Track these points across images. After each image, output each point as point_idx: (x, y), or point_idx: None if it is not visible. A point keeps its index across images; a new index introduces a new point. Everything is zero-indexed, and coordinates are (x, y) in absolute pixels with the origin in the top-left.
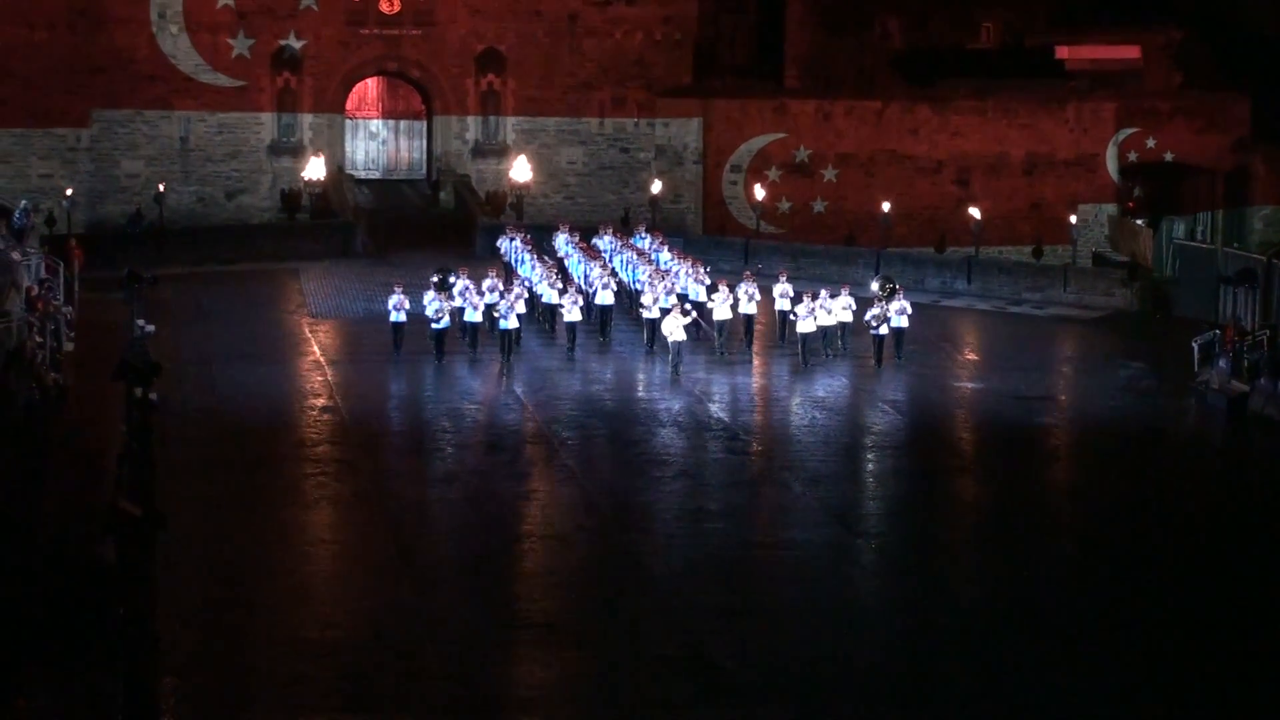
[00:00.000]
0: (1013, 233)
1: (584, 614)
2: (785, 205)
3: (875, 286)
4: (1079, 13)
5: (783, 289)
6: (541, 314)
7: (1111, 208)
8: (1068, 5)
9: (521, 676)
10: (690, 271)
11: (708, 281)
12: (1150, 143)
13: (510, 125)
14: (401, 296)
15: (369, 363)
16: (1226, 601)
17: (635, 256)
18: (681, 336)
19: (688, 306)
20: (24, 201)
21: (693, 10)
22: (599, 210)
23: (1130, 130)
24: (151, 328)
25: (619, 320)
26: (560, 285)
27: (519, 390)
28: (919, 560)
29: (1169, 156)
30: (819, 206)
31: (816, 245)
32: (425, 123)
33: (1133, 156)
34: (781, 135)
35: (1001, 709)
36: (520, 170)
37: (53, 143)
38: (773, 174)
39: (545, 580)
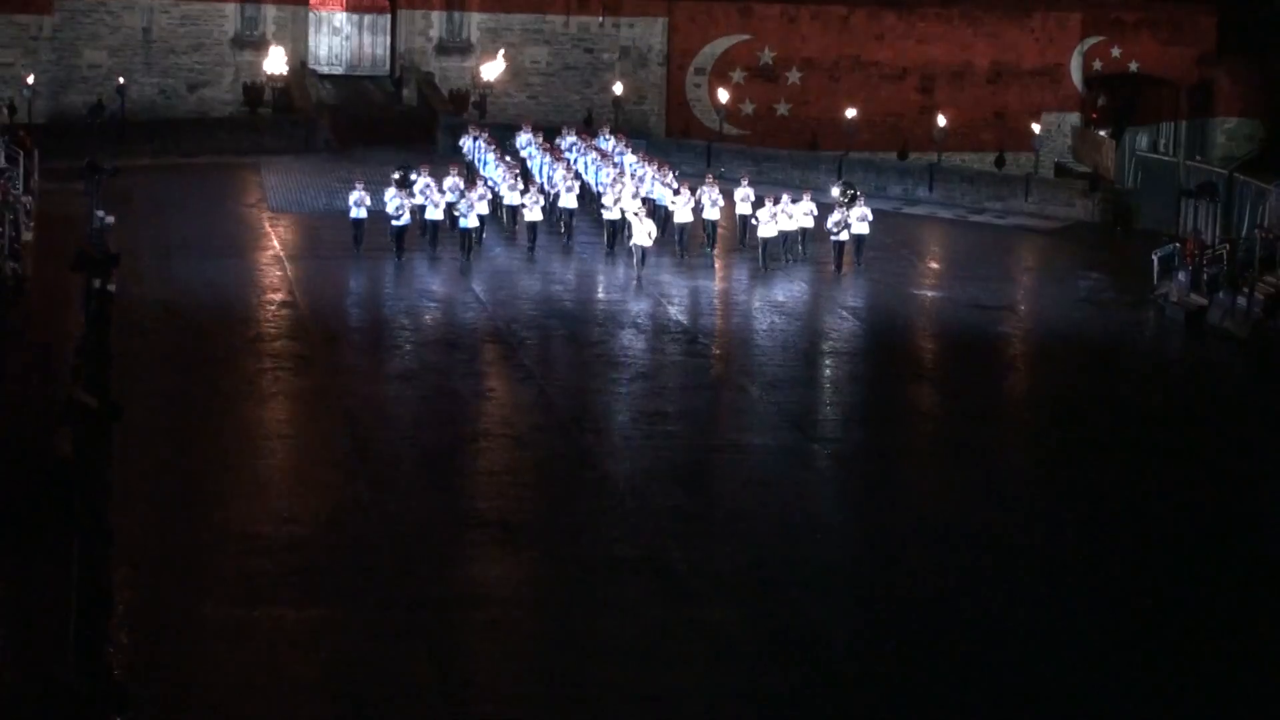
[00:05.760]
0: (975, 141)
1: (539, 514)
2: (748, 108)
3: (836, 192)
4: None
5: (744, 193)
6: (503, 213)
7: (1075, 118)
8: None
9: (475, 574)
10: (657, 175)
11: (675, 185)
12: (1115, 53)
13: (475, 22)
14: (362, 193)
15: (329, 259)
16: (1179, 507)
17: (598, 158)
18: (646, 242)
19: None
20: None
21: None
22: (562, 110)
23: (1095, 40)
24: (111, 219)
25: (580, 221)
26: (522, 185)
27: (478, 289)
28: (875, 466)
29: (1134, 67)
30: (782, 110)
31: (779, 150)
32: (389, 17)
33: (1097, 66)
34: (746, 38)
35: (956, 610)
36: (494, 68)
37: (15, 30)
38: (736, 76)
39: (501, 479)
